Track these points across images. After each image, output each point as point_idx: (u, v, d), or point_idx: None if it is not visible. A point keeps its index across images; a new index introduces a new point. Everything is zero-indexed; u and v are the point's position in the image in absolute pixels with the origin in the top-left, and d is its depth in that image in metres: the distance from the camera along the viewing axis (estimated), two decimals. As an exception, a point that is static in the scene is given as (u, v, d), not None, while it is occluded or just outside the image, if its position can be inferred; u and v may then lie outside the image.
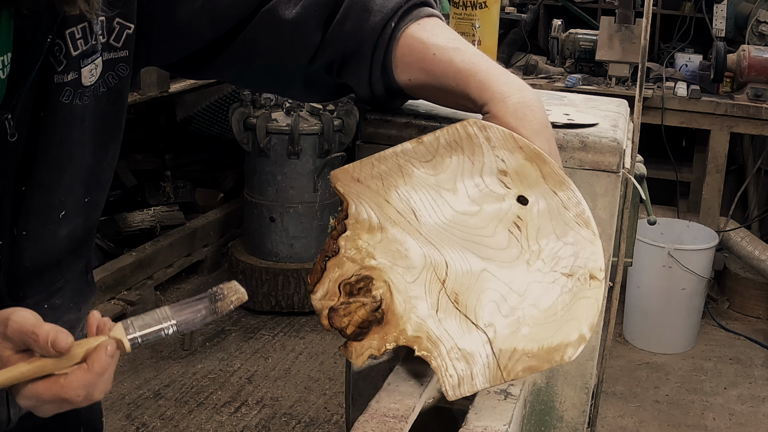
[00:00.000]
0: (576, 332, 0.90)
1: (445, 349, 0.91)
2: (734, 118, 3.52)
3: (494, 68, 0.97)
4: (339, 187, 0.94)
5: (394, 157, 0.93)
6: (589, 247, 0.92)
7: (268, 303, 3.66)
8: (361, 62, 1.02)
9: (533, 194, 0.92)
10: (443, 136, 0.92)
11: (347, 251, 0.93)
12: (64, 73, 0.89)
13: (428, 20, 1.02)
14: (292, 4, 1.01)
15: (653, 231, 3.43)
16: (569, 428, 1.17)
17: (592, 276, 0.91)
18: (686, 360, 3.45)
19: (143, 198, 4.07)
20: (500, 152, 0.92)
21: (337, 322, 0.93)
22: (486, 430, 0.92)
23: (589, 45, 3.65)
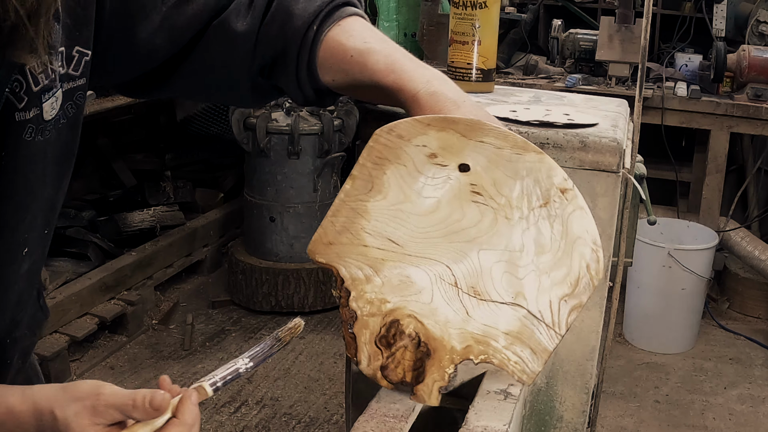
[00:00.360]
0: (587, 248, 0.91)
1: (496, 342, 0.91)
2: (734, 118, 3.52)
3: (407, 64, 0.99)
4: (320, 259, 0.95)
5: (343, 204, 0.94)
6: (542, 167, 0.92)
7: (268, 303, 3.66)
8: (287, 65, 1.04)
9: (467, 156, 0.92)
10: (366, 159, 0.93)
11: (363, 310, 0.94)
12: (25, 110, 0.85)
13: (349, 20, 1.04)
14: (242, 17, 1.03)
15: (653, 231, 3.43)
16: (569, 428, 1.17)
17: (562, 190, 0.92)
18: (686, 360, 3.45)
19: (143, 198, 4.07)
20: (417, 140, 0.92)
21: (393, 376, 0.93)
22: (486, 430, 0.92)
23: (589, 45, 3.65)
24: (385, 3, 4.05)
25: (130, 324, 3.43)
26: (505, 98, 1.35)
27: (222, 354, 3.35)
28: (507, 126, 1.12)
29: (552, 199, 0.91)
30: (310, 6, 1.02)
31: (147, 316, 3.59)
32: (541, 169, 0.92)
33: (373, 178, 0.93)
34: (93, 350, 3.31)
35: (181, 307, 3.77)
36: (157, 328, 3.56)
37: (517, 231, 0.92)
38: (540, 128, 1.13)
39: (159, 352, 3.36)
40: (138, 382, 3.12)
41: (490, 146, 0.92)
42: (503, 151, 0.92)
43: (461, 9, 1.33)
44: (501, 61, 4.00)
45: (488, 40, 1.34)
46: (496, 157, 0.92)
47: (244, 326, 3.60)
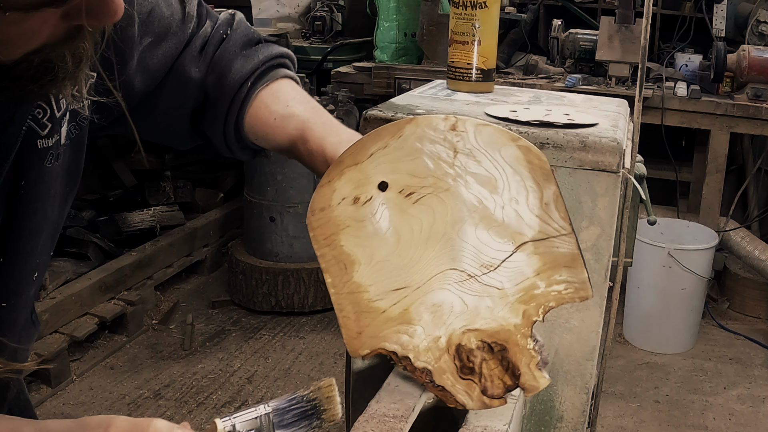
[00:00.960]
0: (511, 148, 0.90)
1: (537, 290, 0.91)
2: (734, 118, 3.52)
3: (319, 131, 1.02)
4: (363, 352, 0.94)
5: (339, 296, 0.94)
6: (420, 128, 0.91)
7: (268, 303, 3.66)
8: (216, 117, 1.06)
9: (374, 175, 0.92)
10: (320, 247, 0.94)
11: (430, 362, 0.93)
12: (48, 137, 0.84)
13: (280, 82, 1.07)
14: (194, 62, 1.05)
15: (653, 231, 3.43)
16: (569, 428, 1.17)
17: (452, 128, 0.91)
18: (686, 360, 3.45)
19: (143, 198, 4.07)
20: (334, 199, 0.93)
21: (497, 391, 0.92)
22: (486, 430, 0.92)
23: (589, 45, 3.65)
24: (385, 3, 4.05)
25: (130, 324, 3.43)
26: (505, 98, 1.35)
27: (222, 354, 3.35)
28: (507, 126, 1.12)
29: (454, 142, 0.91)
30: (247, 64, 1.05)
31: (147, 316, 3.59)
32: (424, 130, 0.91)
33: (339, 257, 0.93)
34: (93, 350, 3.31)
35: (181, 307, 3.77)
36: (157, 328, 3.56)
37: (462, 190, 0.91)
38: (540, 128, 1.13)
39: (159, 352, 3.36)
40: (138, 382, 3.12)
41: (378, 152, 0.92)
42: (389, 146, 0.92)
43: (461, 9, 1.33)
44: (501, 61, 4.01)
45: (488, 40, 1.34)
46: (390, 156, 0.92)
47: (244, 326, 3.60)
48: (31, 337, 1.07)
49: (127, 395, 3.03)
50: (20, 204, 0.84)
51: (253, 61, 1.06)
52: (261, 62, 1.06)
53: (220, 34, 1.07)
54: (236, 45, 1.06)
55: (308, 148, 1.02)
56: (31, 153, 0.83)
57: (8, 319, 0.92)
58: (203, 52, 1.05)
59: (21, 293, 0.92)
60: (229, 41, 1.07)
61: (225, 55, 1.05)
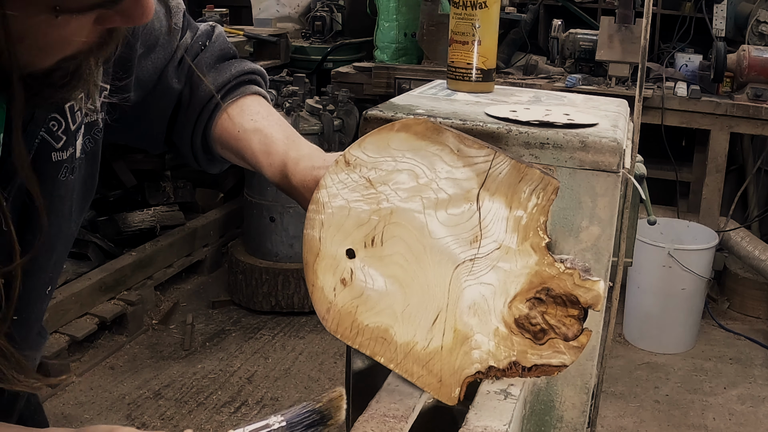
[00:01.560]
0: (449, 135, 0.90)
1: (526, 216, 0.90)
2: (734, 118, 3.52)
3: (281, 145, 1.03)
4: (457, 391, 0.94)
5: (401, 366, 0.95)
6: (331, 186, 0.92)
7: (268, 303, 3.66)
8: (185, 127, 1.08)
9: (335, 248, 0.93)
10: (356, 346, 0.94)
11: (507, 355, 0.92)
12: (63, 149, 0.83)
13: (248, 99, 1.08)
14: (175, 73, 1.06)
15: (653, 231, 3.43)
16: (569, 428, 1.17)
17: (345, 161, 0.91)
18: (686, 360, 3.45)
19: (143, 198, 4.07)
20: (328, 288, 0.93)
21: (571, 331, 0.91)
22: (486, 430, 0.92)
23: (589, 45, 3.66)
24: (385, 3, 4.05)
25: (130, 324, 3.43)
26: (505, 98, 1.35)
27: (222, 354, 3.35)
28: (507, 126, 1.12)
29: (361, 174, 0.91)
30: (219, 77, 1.07)
31: (147, 316, 3.59)
32: (333, 187, 0.92)
33: (373, 336, 0.94)
34: (93, 350, 3.31)
35: (181, 307, 3.77)
36: (157, 328, 3.56)
37: (402, 204, 0.91)
38: (540, 128, 1.13)
39: (159, 352, 3.36)
40: (138, 382, 3.12)
41: (322, 233, 0.93)
42: (324, 222, 0.93)
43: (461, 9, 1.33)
44: (501, 61, 4.01)
45: (488, 40, 1.34)
46: (332, 228, 0.93)
47: (244, 326, 3.60)
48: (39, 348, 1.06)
49: (127, 395, 3.03)
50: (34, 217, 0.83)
51: (225, 75, 1.07)
52: (232, 77, 1.08)
53: (199, 45, 1.08)
54: (211, 58, 1.08)
55: (270, 162, 1.03)
56: (45, 166, 0.82)
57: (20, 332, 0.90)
58: (182, 63, 1.07)
59: (33, 307, 0.92)
60: (205, 54, 1.08)
61: (199, 67, 1.07)
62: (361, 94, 3.99)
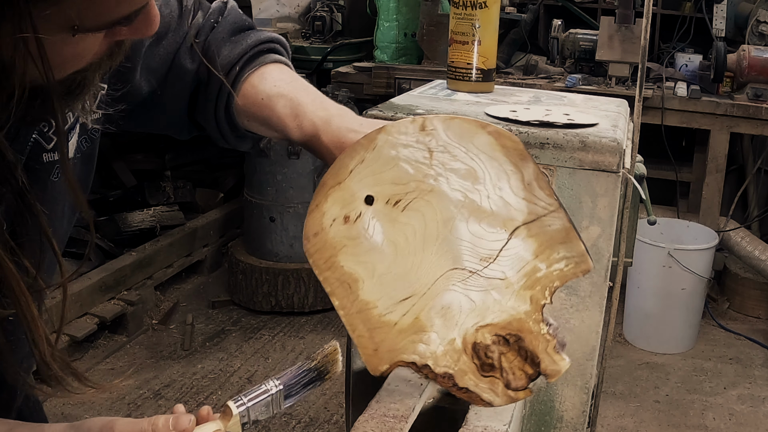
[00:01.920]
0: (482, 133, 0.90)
1: (540, 272, 0.90)
2: (734, 118, 3.52)
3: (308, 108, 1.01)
4: (383, 367, 0.94)
5: (349, 317, 0.94)
6: (390, 136, 0.91)
7: (268, 303, 3.66)
8: (207, 104, 1.06)
9: (359, 191, 0.92)
10: (321, 272, 0.94)
11: (449, 366, 0.92)
12: (54, 150, 0.83)
13: (269, 67, 1.06)
14: (188, 54, 1.05)
15: (653, 231, 3.43)
16: (569, 428, 1.17)
17: (421, 128, 0.91)
18: (686, 360, 3.45)
19: (143, 198, 4.07)
20: (326, 221, 0.92)
21: (520, 383, 0.91)
22: (486, 430, 0.92)
23: (589, 45, 3.65)
24: (385, 3, 4.05)
25: (130, 324, 3.43)
26: (505, 98, 1.35)
27: (222, 354, 3.35)
28: (507, 126, 1.12)
29: (427, 142, 0.91)
30: (235, 49, 1.05)
31: (147, 316, 3.59)
32: (395, 137, 0.91)
33: (342, 278, 0.93)
34: (93, 350, 3.31)
35: (181, 307, 3.77)
36: (157, 328, 3.56)
37: (446, 189, 0.91)
38: (540, 128, 1.13)
39: (159, 352, 3.36)
40: (138, 382, 3.12)
41: (358, 167, 0.92)
42: (365, 159, 0.92)
43: (461, 9, 1.33)
44: (501, 61, 4.00)
45: (488, 40, 1.34)
46: (369, 169, 0.92)
47: (244, 326, 3.60)
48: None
49: (127, 395, 3.03)
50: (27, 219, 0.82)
51: (241, 46, 1.05)
52: (249, 47, 1.05)
53: (211, 22, 1.07)
54: (224, 32, 1.06)
55: (299, 124, 1.01)
56: (36, 167, 0.83)
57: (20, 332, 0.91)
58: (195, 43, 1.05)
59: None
60: (218, 29, 1.06)
61: (214, 43, 1.05)
62: (361, 94, 3.99)
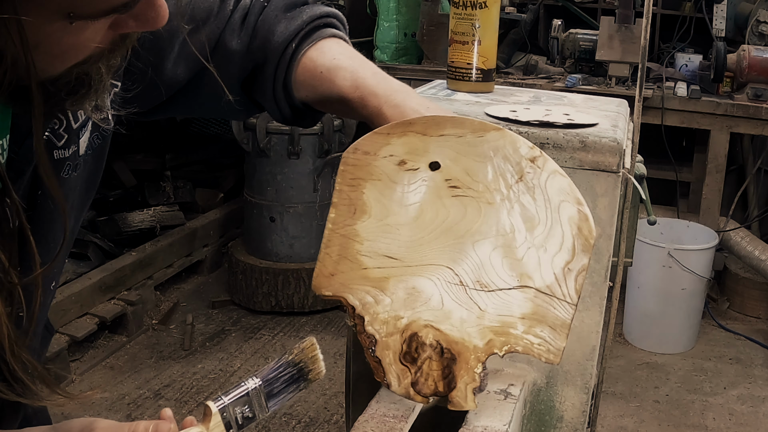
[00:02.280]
0: (573, 209, 0.90)
1: (515, 330, 0.90)
2: (734, 118, 3.52)
3: (370, 79, 1.00)
4: (326, 292, 0.94)
5: (333, 233, 0.94)
6: (506, 143, 0.92)
7: (268, 303, 3.66)
8: (265, 81, 1.05)
9: (434, 153, 0.92)
10: (342, 183, 0.93)
11: (380, 332, 0.93)
12: (65, 147, 0.84)
13: (327, 41, 1.05)
14: (236, 34, 1.04)
15: (653, 231, 3.43)
16: (569, 428, 1.17)
17: (531, 159, 0.91)
18: (686, 360, 3.45)
19: (143, 198, 4.07)
20: (383, 152, 0.92)
21: (425, 390, 0.92)
22: (486, 430, 0.92)
23: (589, 45, 3.65)
24: (385, 3, 4.05)
25: (130, 324, 3.43)
26: (505, 98, 1.35)
27: (222, 354, 3.35)
28: (507, 126, 1.12)
29: (525, 171, 0.91)
30: (291, 25, 1.04)
31: (147, 316, 3.59)
32: (505, 145, 0.91)
33: (354, 201, 0.93)
34: (93, 350, 3.31)
35: (181, 307, 3.77)
36: (157, 328, 3.56)
37: (503, 213, 0.91)
38: (540, 128, 1.13)
39: (159, 352, 3.36)
40: (138, 382, 3.12)
41: (451, 137, 0.92)
42: (465, 137, 0.91)
43: (461, 9, 1.33)
44: (501, 61, 4.00)
45: (488, 40, 1.34)
46: (460, 146, 0.92)
47: (244, 326, 3.60)
48: (47, 344, 1.07)
49: (127, 395, 3.03)
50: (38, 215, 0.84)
51: (297, 22, 1.04)
52: (305, 23, 1.04)
53: (261, 2, 1.06)
54: (278, 9, 1.05)
55: (360, 96, 0.99)
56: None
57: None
58: (245, 23, 1.04)
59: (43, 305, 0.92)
60: (270, 7, 1.05)
61: (267, 20, 1.04)
62: (361, 94, 3.99)
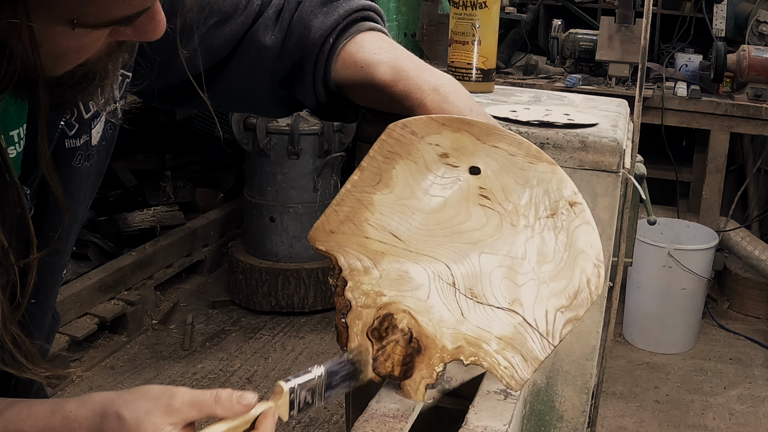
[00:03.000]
0: (589, 263, 0.90)
1: (488, 345, 0.91)
2: (734, 118, 3.52)
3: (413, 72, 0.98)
4: (320, 246, 0.94)
5: (349, 194, 0.93)
6: (553, 179, 0.91)
7: (268, 303, 3.66)
8: (304, 77, 1.05)
9: (479, 159, 0.92)
10: (377, 152, 0.93)
11: (358, 301, 0.93)
12: (76, 137, 0.86)
13: (365, 35, 1.04)
14: (269, 30, 1.04)
15: (653, 231, 3.43)
16: (569, 428, 1.17)
17: (571, 203, 0.91)
18: (686, 360, 3.45)
19: (143, 198, 4.07)
20: (430, 139, 0.92)
21: (381, 369, 0.93)
22: (486, 430, 0.92)
23: (589, 45, 3.65)
24: (385, 3, 4.06)
25: (130, 324, 3.43)
26: (505, 98, 1.35)
27: (222, 354, 3.35)
28: (506, 126, 1.12)
29: (560, 210, 0.91)
30: (327, 20, 1.03)
31: (147, 316, 3.59)
32: (552, 180, 0.91)
33: (382, 172, 0.92)
34: (93, 350, 3.31)
35: (181, 307, 3.77)
36: (157, 328, 3.56)
37: (521, 238, 0.91)
38: (540, 128, 1.13)
39: (159, 352, 3.36)
40: (138, 382, 3.12)
41: (503, 152, 0.91)
42: (516, 158, 0.91)
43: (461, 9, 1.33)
44: (501, 61, 4.01)
45: (488, 40, 1.34)
46: (508, 164, 0.91)
47: (244, 326, 3.60)
48: (54, 331, 1.09)
49: (127, 395, 3.02)
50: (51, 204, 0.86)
51: (333, 16, 1.03)
52: (342, 17, 1.03)
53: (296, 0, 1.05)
54: (313, 4, 1.04)
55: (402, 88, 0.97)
56: (58, 153, 0.85)
57: (37, 315, 0.94)
58: (279, 19, 1.04)
59: (50, 291, 0.95)
60: (306, 2, 1.05)
61: (303, 16, 1.04)
62: (362, 94, 3.99)
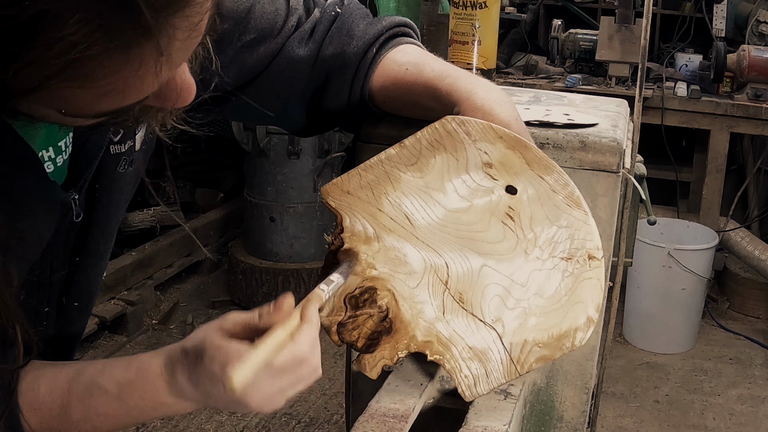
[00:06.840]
0: (583, 315, 0.91)
1: (457, 350, 0.92)
2: (734, 118, 3.52)
3: (461, 73, 0.99)
4: (330, 202, 0.94)
5: (380, 164, 0.93)
6: (583, 228, 0.92)
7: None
8: (342, 84, 1.05)
9: (520, 182, 0.92)
10: (424, 137, 0.92)
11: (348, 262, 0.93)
12: (121, 143, 0.87)
13: (407, 46, 1.06)
14: (303, 43, 1.04)
15: (653, 231, 3.43)
16: (569, 428, 1.17)
17: (591, 256, 0.91)
18: (686, 360, 3.45)
19: (143, 198, 4.07)
20: (482, 145, 0.91)
21: (346, 336, 0.94)
22: (486, 430, 0.92)
23: (589, 45, 3.65)
24: (385, 3, 4.05)
25: (130, 324, 3.43)
26: (505, 98, 1.35)
27: (222, 354, 3.35)
28: (507, 126, 1.12)
29: (576, 258, 0.91)
30: (370, 29, 1.04)
31: (147, 316, 3.58)
32: (581, 228, 0.91)
33: (421, 156, 0.92)
34: (93, 350, 3.31)
35: (181, 307, 3.77)
36: (157, 328, 3.56)
37: (529, 267, 0.92)
38: (540, 128, 1.13)
39: (159, 352, 3.36)
40: (138, 382, 3.12)
41: (546, 185, 0.91)
42: (556, 195, 0.91)
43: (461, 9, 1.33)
44: (501, 61, 4.00)
45: (488, 40, 1.35)
46: (546, 197, 0.91)
47: (244, 326, 3.60)
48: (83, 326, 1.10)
49: (127, 395, 3.02)
50: (97, 208, 0.88)
51: (377, 26, 1.05)
52: (385, 28, 1.05)
53: (331, 14, 1.06)
54: (354, 16, 1.05)
55: (453, 81, 0.97)
56: (104, 159, 0.86)
57: (78, 318, 0.96)
58: (314, 32, 1.04)
59: (92, 294, 0.96)
60: (344, 14, 1.05)
61: (344, 26, 1.04)
62: (361, 94, 3.99)
